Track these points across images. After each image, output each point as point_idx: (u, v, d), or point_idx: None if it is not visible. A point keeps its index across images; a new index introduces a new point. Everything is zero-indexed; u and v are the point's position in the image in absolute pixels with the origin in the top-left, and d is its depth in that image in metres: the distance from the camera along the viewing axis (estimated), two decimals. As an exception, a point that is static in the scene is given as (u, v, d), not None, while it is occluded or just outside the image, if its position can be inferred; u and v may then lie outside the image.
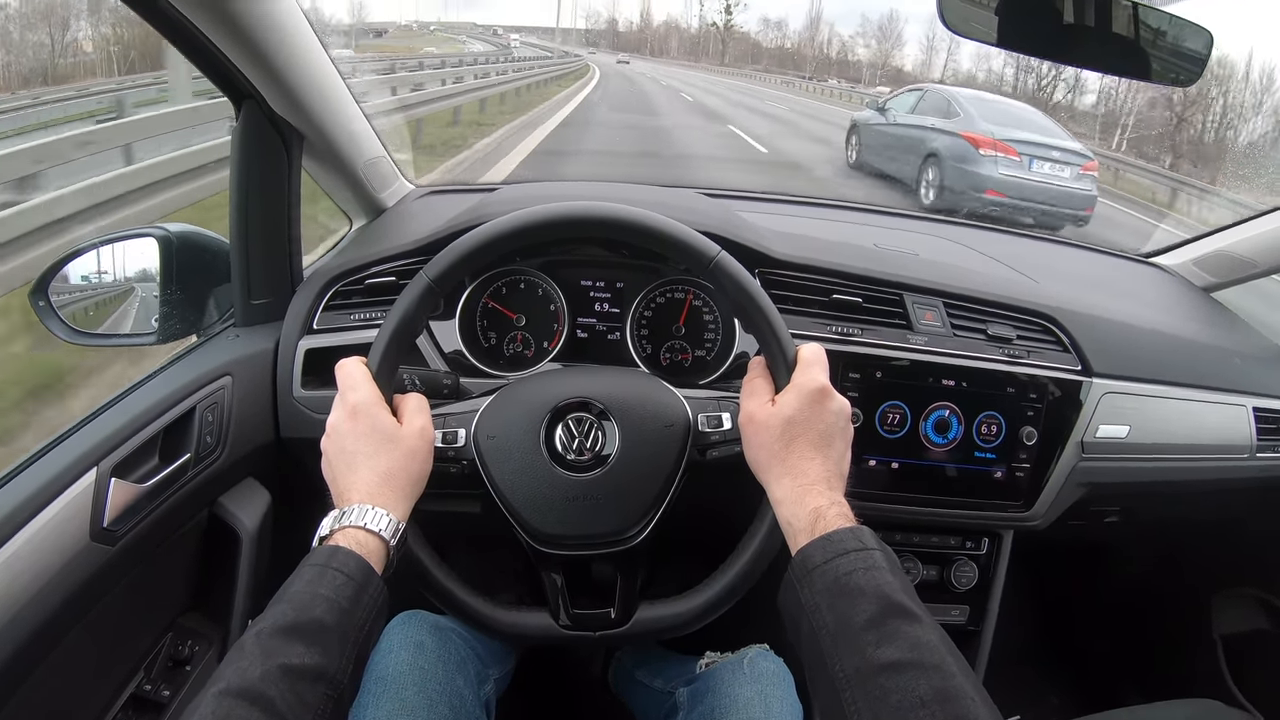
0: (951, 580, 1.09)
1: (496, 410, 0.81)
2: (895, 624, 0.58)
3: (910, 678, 0.55)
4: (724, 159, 9.91)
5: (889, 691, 0.55)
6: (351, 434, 0.71)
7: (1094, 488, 1.09)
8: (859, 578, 0.61)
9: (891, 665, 0.56)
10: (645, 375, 0.92)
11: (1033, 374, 1.04)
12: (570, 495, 0.76)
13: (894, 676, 0.55)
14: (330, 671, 0.58)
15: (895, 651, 0.56)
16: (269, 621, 0.59)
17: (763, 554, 0.77)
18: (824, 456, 0.70)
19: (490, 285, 1.04)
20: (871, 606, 0.59)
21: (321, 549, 0.64)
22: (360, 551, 0.64)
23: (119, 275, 1.08)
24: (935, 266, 1.11)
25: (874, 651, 0.57)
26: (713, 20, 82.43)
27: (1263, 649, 1.34)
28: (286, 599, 0.60)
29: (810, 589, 0.62)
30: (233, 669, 0.55)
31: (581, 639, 0.79)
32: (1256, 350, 1.26)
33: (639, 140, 10.85)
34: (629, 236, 0.81)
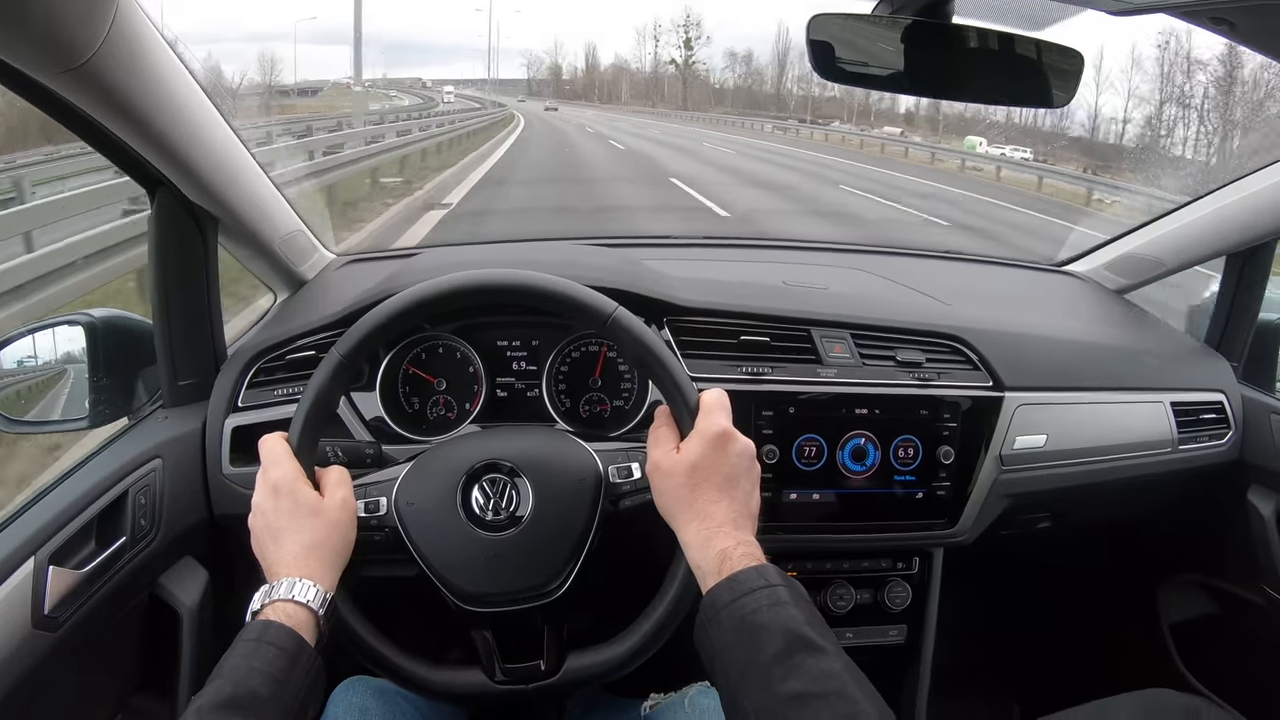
0: (886, 602, 1.11)
1: (414, 477, 0.82)
2: (800, 657, 0.60)
3: (814, 709, 0.57)
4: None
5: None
6: (275, 510, 0.73)
7: (1018, 497, 1.12)
8: (764, 614, 0.63)
9: (796, 697, 0.57)
10: (556, 432, 0.94)
11: (944, 395, 1.07)
12: (490, 554, 0.78)
13: (799, 709, 0.57)
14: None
15: (800, 684, 0.58)
16: (208, 698, 0.60)
17: (683, 596, 0.79)
18: (730, 498, 0.72)
19: (410, 351, 1.06)
20: (777, 642, 0.61)
21: (254, 624, 0.66)
22: (290, 624, 0.66)
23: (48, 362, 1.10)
24: (842, 299, 1.14)
25: (780, 685, 0.58)
26: (671, 58, 72.53)
27: (1211, 633, 1.37)
28: (223, 674, 0.62)
29: (719, 629, 0.64)
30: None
31: (515, 693, 0.81)
32: (1170, 347, 1.29)
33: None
34: (525, 300, 0.83)
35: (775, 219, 9.30)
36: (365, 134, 11.30)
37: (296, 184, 6.40)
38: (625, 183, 11.88)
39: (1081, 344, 1.20)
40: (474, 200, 9.24)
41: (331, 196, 7.80)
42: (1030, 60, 0.96)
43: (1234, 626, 1.35)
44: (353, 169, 9.00)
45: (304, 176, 7.22)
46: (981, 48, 0.93)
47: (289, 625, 0.66)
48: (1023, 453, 1.10)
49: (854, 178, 14.38)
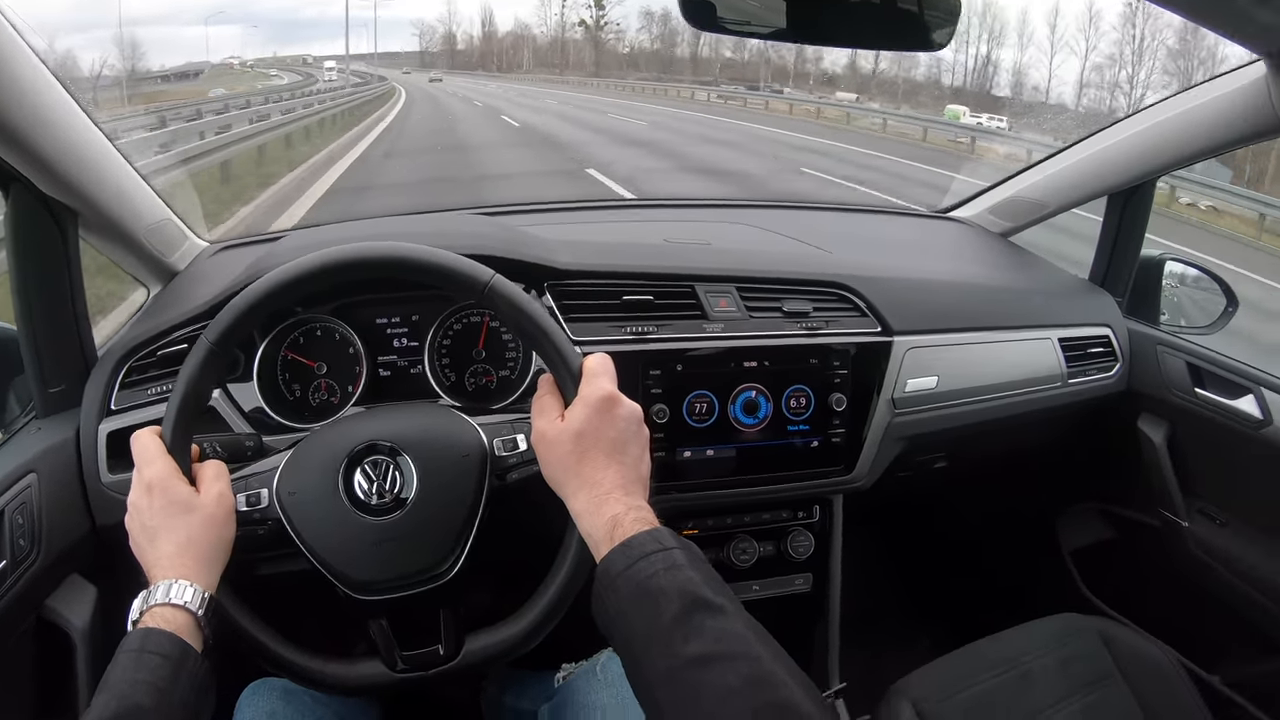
0: (789, 552, 1.12)
1: (294, 465, 0.80)
2: (700, 618, 0.59)
3: (718, 670, 0.56)
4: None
5: (700, 685, 0.56)
6: (149, 509, 0.71)
7: (913, 439, 1.14)
8: (661, 578, 0.62)
9: (699, 659, 0.57)
10: (438, 407, 0.92)
11: (833, 343, 1.08)
12: (376, 539, 0.76)
13: (704, 670, 0.56)
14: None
15: (702, 645, 0.57)
16: (93, 715, 0.58)
17: (578, 567, 0.78)
18: (618, 464, 0.71)
19: (287, 336, 1.02)
20: (675, 605, 0.60)
21: (135, 633, 0.64)
22: (171, 628, 0.64)
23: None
24: (726, 253, 1.14)
25: (681, 648, 0.58)
26: (581, 19, 65.04)
27: (1111, 556, 1.43)
28: (107, 689, 0.60)
29: (615, 596, 0.63)
30: None
31: (416, 681, 0.79)
32: (1056, 285, 1.33)
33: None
34: (398, 273, 0.80)
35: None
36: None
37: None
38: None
39: (968, 286, 1.23)
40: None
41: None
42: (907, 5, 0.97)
43: (1133, 549, 1.42)
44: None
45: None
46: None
47: (169, 630, 0.64)
48: (914, 395, 1.12)
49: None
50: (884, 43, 1.01)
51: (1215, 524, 1.31)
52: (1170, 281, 1.47)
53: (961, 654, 1.16)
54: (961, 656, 1.15)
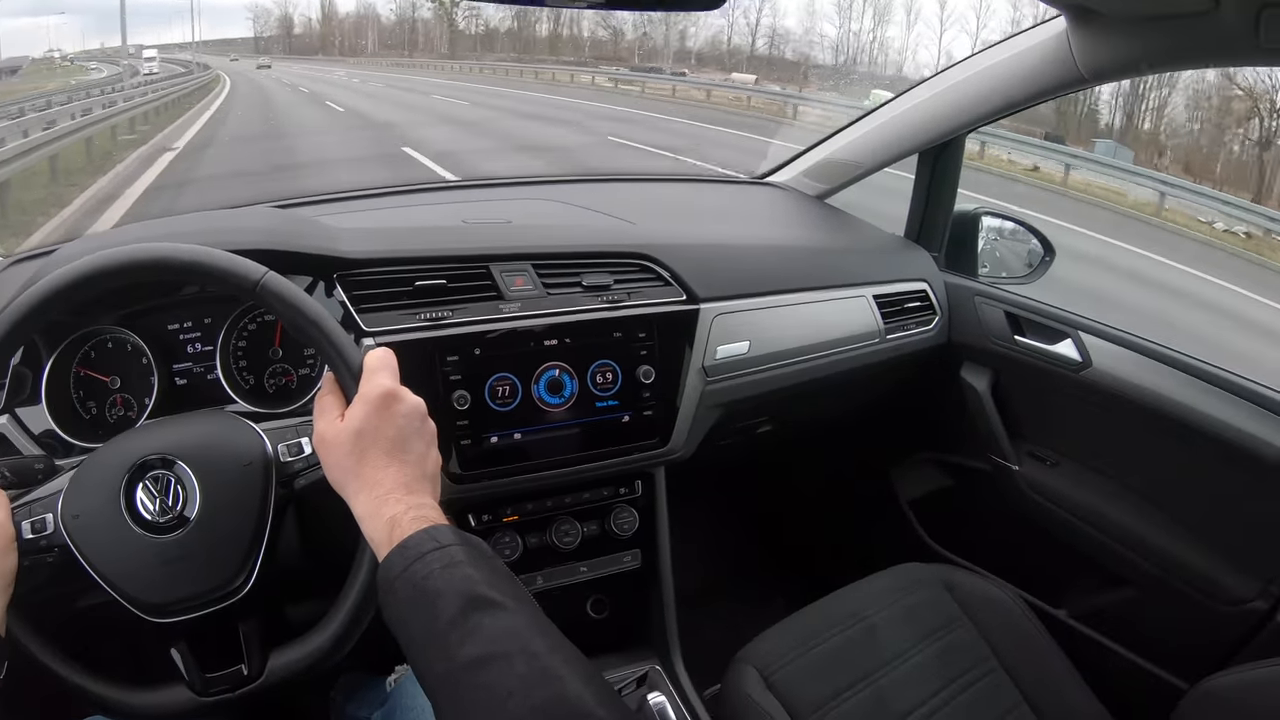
0: (613, 529, 1.11)
1: (77, 486, 0.74)
2: (477, 618, 0.57)
3: (496, 671, 0.54)
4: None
5: (477, 688, 0.54)
6: None
7: (728, 406, 1.14)
8: (436, 579, 0.59)
9: (476, 661, 0.54)
10: (219, 415, 0.87)
11: (636, 314, 1.07)
12: (164, 559, 0.71)
13: (480, 673, 0.54)
14: None
15: (479, 646, 0.55)
16: None
17: (375, 571, 0.75)
18: (400, 462, 0.68)
19: (77, 351, 0.95)
20: (453, 605, 0.57)
21: None
22: None
23: None
24: (523, 230, 1.12)
25: (459, 650, 0.55)
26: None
27: (948, 503, 1.48)
28: None
29: (395, 600, 0.60)
30: None
31: (223, 703, 0.75)
32: (871, 244, 1.37)
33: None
34: (163, 276, 0.75)
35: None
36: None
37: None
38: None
39: (779, 248, 1.25)
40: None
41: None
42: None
43: (969, 495, 1.47)
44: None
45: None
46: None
47: None
48: (726, 361, 1.13)
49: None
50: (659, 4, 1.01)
51: (1045, 465, 1.37)
52: (989, 235, 1.52)
53: (804, 613, 1.17)
54: (804, 616, 1.17)
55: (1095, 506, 1.29)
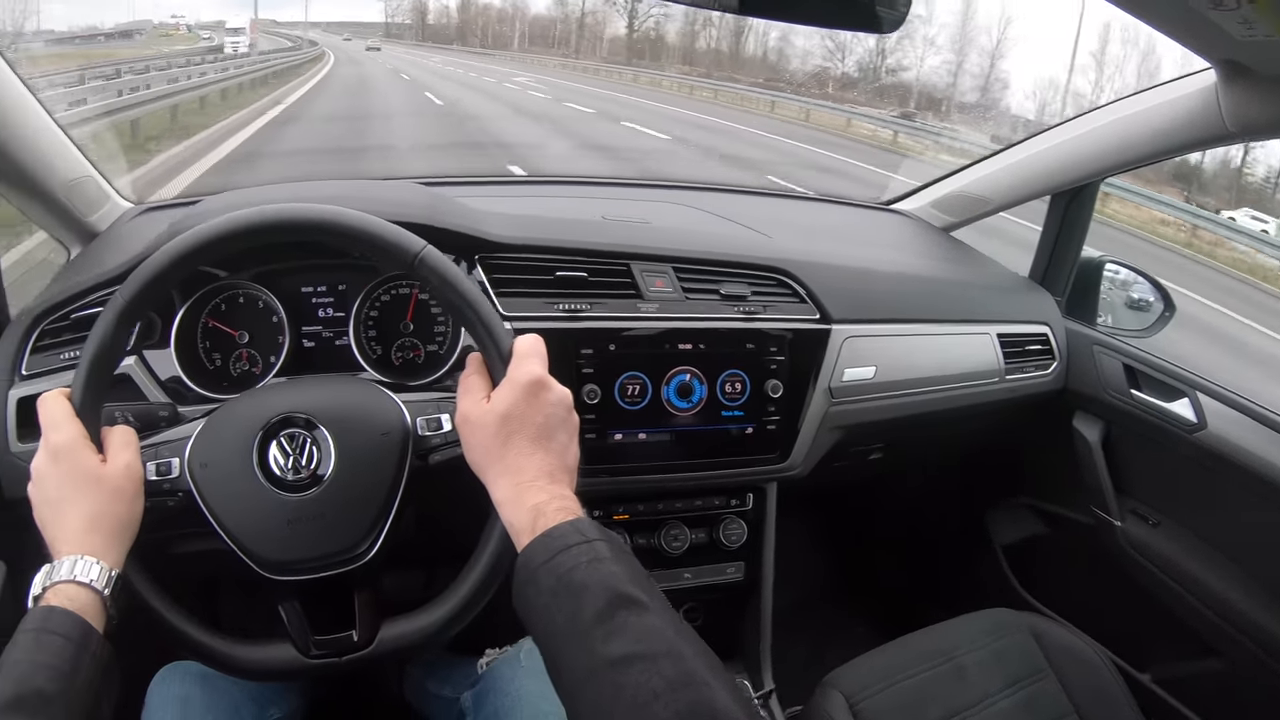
0: (721, 539, 1.10)
1: (207, 435, 0.75)
2: (623, 616, 0.57)
3: (641, 670, 0.54)
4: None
5: (622, 687, 0.53)
6: (54, 479, 0.67)
7: (849, 429, 1.13)
8: (582, 572, 0.59)
9: (622, 659, 0.54)
10: (360, 382, 0.89)
11: (771, 328, 1.06)
12: (291, 517, 0.72)
13: (625, 671, 0.54)
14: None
15: (624, 645, 0.55)
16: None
17: (500, 556, 0.75)
18: (544, 451, 0.69)
19: (209, 303, 0.97)
20: (598, 600, 0.57)
21: (35, 611, 0.61)
22: (74, 608, 0.60)
23: None
24: (664, 232, 1.12)
25: (603, 647, 0.55)
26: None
27: (1043, 552, 1.45)
28: (4, 672, 0.56)
29: (536, 589, 0.60)
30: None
31: (329, 667, 0.75)
32: (996, 281, 1.34)
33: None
34: (324, 239, 0.77)
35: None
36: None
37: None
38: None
39: (909, 277, 1.23)
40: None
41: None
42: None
43: (1064, 546, 1.43)
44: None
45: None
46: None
47: (72, 610, 0.60)
48: (852, 385, 1.12)
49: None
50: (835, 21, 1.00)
51: (1148, 524, 1.33)
52: (1108, 284, 1.49)
53: (894, 646, 1.15)
54: (894, 649, 1.15)
55: (1194, 572, 1.25)
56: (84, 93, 8.07)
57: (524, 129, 11.99)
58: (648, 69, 30.08)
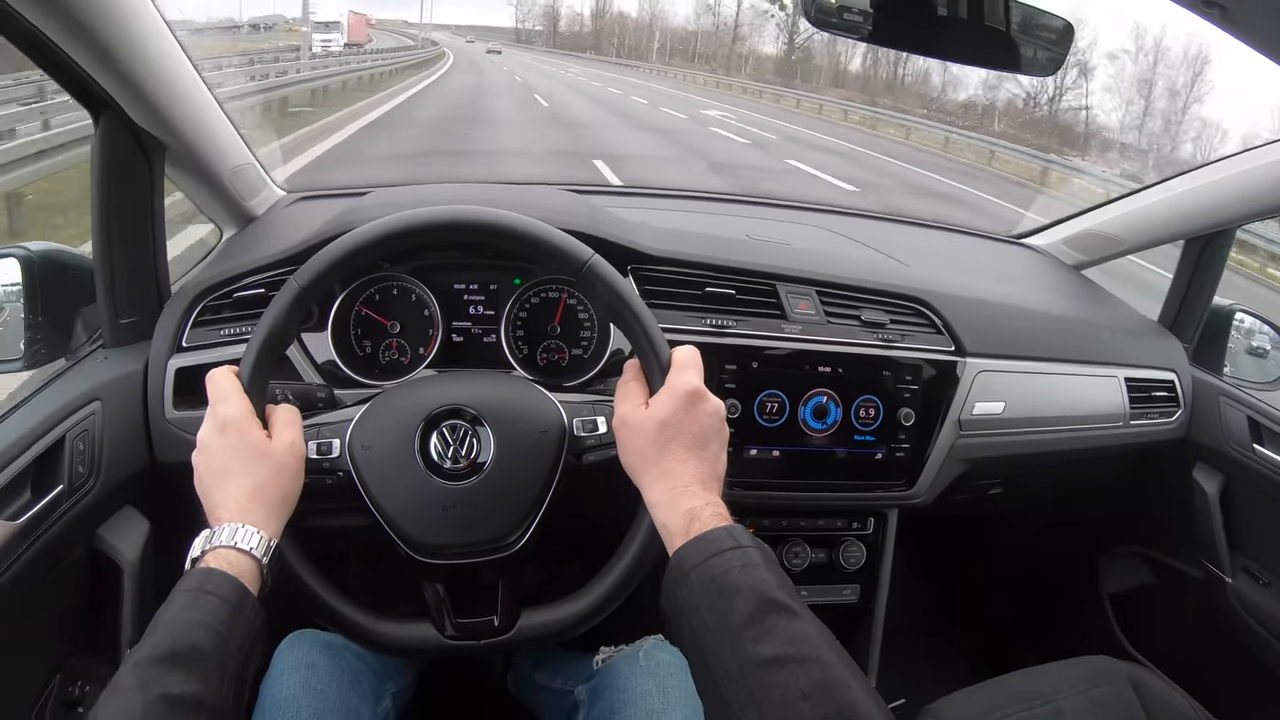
0: (840, 561, 1.12)
1: (370, 419, 0.80)
2: (773, 620, 0.59)
3: (790, 672, 0.56)
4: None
5: (771, 687, 0.55)
6: (221, 450, 0.70)
7: (974, 463, 1.13)
8: (735, 575, 0.61)
9: (772, 660, 0.56)
10: (520, 380, 0.92)
11: (907, 357, 1.07)
12: (447, 503, 0.76)
13: (775, 672, 0.56)
14: (211, 700, 0.57)
15: (774, 647, 0.57)
16: (145, 651, 0.57)
17: (643, 556, 0.78)
18: (698, 459, 0.71)
19: (363, 292, 1.02)
20: (749, 604, 0.60)
21: (194, 572, 0.63)
22: (233, 572, 0.63)
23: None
24: (807, 255, 1.14)
25: (753, 648, 0.57)
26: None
27: (1149, 603, 1.41)
28: (161, 627, 0.59)
29: (688, 590, 0.63)
30: (109, 708, 0.54)
31: (466, 649, 0.79)
32: (1126, 323, 1.32)
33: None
34: (498, 241, 0.81)
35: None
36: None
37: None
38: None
39: (1041, 314, 1.22)
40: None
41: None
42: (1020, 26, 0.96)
43: (1172, 598, 1.40)
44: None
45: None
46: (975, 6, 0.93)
47: (231, 574, 0.63)
48: (981, 418, 1.11)
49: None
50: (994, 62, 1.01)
51: (1259, 583, 1.29)
52: (1237, 333, 1.45)
53: (994, 684, 1.15)
54: (993, 687, 1.14)
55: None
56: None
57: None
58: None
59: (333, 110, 11.32)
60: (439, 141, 9.87)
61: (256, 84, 10.34)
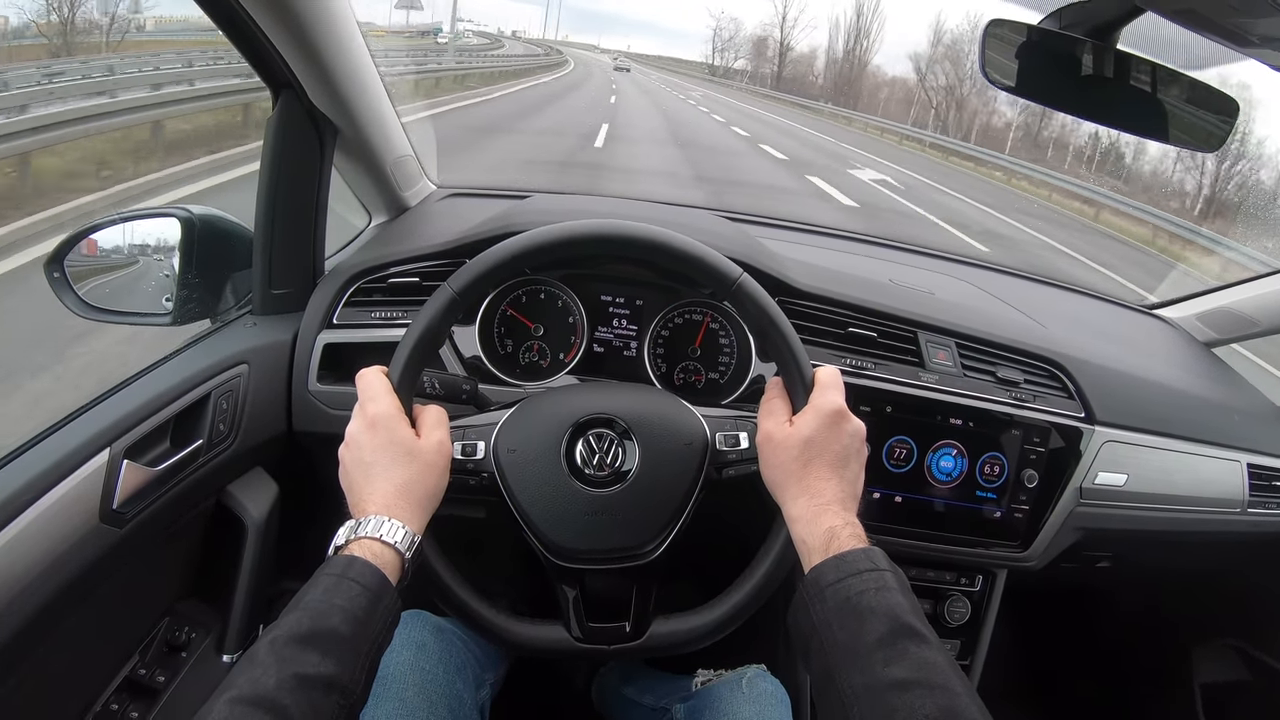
0: (945, 615, 1.10)
1: (517, 423, 0.81)
2: (904, 644, 0.59)
3: (917, 696, 0.56)
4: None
5: (895, 709, 0.56)
6: (370, 445, 0.72)
7: (1089, 533, 1.11)
8: (870, 598, 0.62)
9: (899, 684, 0.57)
10: (664, 394, 0.93)
11: (1038, 418, 1.06)
12: (589, 510, 0.77)
13: (901, 694, 0.56)
14: (344, 682, 0.58)
15: (903, 671, 0.58)
16: (284, 630, 0.58)
17: (777, 570, 0.79)
18: (840, 477, 0.72)
19: (510, 293, 1.05)
20: (882, 626, 0.60)
21: (338, 558, 0.65)
22: (376, 563, 0.64)
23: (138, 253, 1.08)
24: (949, 306, 1.13)
25: (883, 670, 0.58)
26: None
27: (1240, 699, 1.37)
28: (302, 607, 0.60)
29: (822, 606, 0.64)
30: (245, 677, 0.55)
31: (595, 653, 0.80)
32: (1254, 408, 1.29)
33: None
34: (655, 256, 0.82)
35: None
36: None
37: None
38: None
39: (1171, 389, 1.20)
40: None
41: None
42: (1188, 100, 0.95)
43: (1265, 697, 1.35)
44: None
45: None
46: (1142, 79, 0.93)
47: (374, 564, 0.64)
48: (1102, 489, 1.09)
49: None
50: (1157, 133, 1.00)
51: None
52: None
53: None
54: None
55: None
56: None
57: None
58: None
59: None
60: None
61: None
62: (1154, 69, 0.94)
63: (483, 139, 9.64)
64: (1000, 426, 1.05)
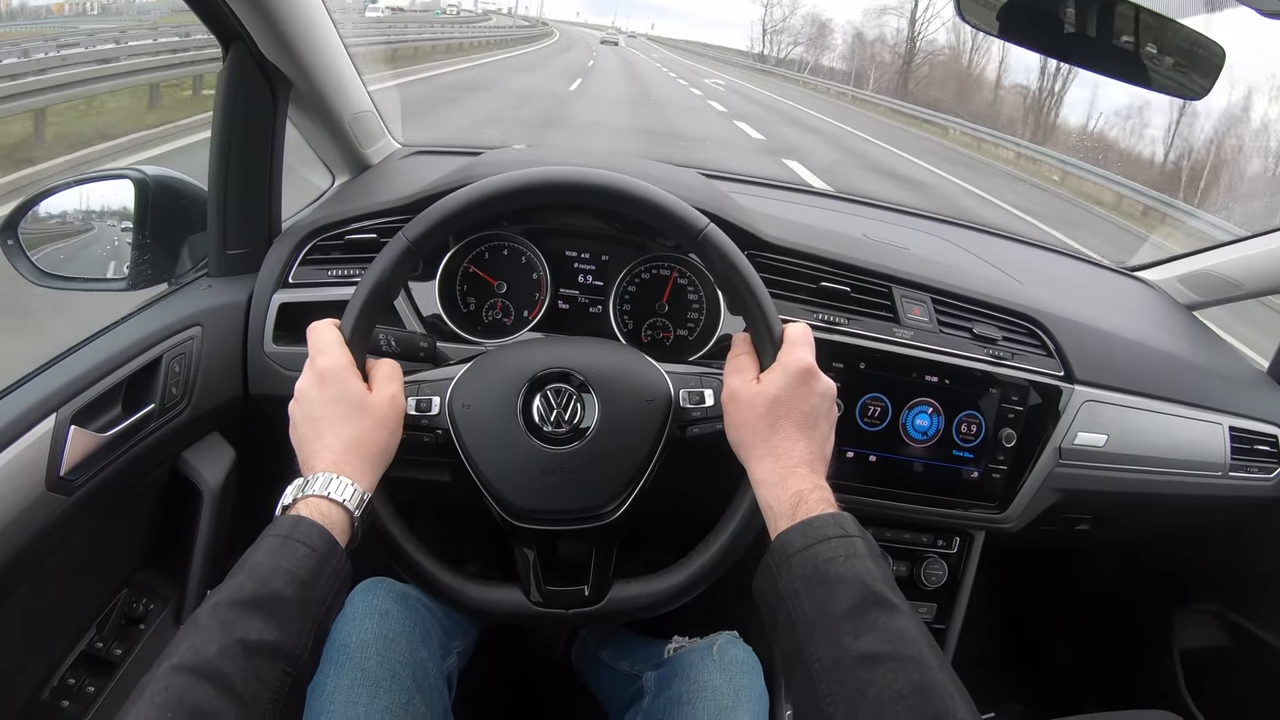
0: (921, 578, 1.08)
1: (473, 378, 0.78)
2: (874, 614, 0.57)
3: (888, 670, 0.54)
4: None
5: (866, 684, 0.54)
6: (319, 400, 0.69)
7: (1068, 494, 1.09)
8: (839, 565, 0.60)
9: (869, 657, 0.55)
10: (627, 348, 0.91)
11: (1015, 376, 1.04)
12: (546, 468, 0.74)
13: (872, 668, 0.54)
14: (289, 648, 0.56)
15: (873, 643, 0.56)
16: (227, 593, 0.56)
17: (742, 535, 0.76)
18: (808, 439, 0.69)
19: (472, 250, 1.01)
20: (851, 595, 0.58)
21: (284, 519, 0.62)
22: (323, 522, 0.63)
23: (94, 218, 1.05)
24: (925, 262, 1.11)
25: (852, 642, 0.56)
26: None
27: (1220, 665, 1.36)
28: (246, 570, 0.58)
29: (789, 574, 0.61)
30: (187, 643, 0.53)
31: (553, 616, 0.78)
32: (1236, 371, 1.27)
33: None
34: (617, 205, 0.80)
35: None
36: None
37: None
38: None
39: (1153, 350, 1.18)
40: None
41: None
42: (1174, 47, 0.93)
43: (1244, 662, 1.34)
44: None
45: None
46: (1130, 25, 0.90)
47: (321, 524, 0.62)
48: (1082, 449, 1.07)
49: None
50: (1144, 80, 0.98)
51: None
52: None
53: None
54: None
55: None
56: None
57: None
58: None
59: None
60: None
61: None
62: (1144, 15, 0.92)
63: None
64: (977, 384, 1.02)
